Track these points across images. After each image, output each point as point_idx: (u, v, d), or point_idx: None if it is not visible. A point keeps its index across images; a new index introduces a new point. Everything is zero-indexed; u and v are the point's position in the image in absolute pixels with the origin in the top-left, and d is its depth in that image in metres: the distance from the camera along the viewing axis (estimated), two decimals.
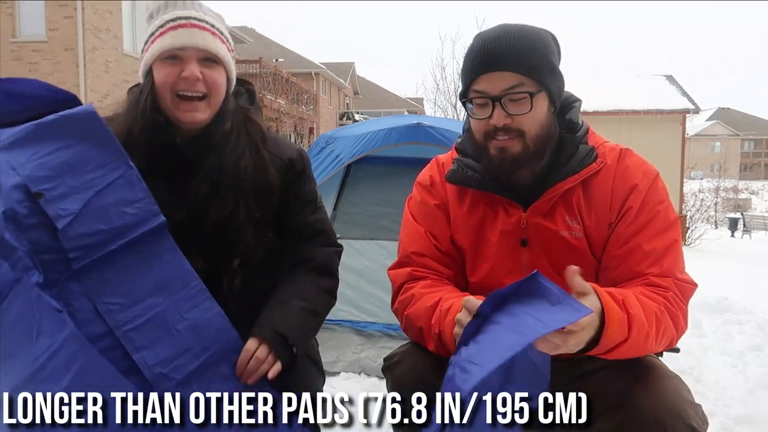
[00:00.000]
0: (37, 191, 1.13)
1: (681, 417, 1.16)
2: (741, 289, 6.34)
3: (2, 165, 1.14)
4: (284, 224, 1.48)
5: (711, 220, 18.35)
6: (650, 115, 15.95)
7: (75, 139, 1.18)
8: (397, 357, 1.41)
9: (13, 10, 12.57)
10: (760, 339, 4.18)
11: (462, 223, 1.47)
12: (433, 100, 18.34)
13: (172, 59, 1.31)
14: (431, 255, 1.48)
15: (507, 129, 1.32)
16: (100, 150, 1.19)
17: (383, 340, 3.23)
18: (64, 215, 1.14)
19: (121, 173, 1.20)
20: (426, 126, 3.13)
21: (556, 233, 1.38)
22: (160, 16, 1.34)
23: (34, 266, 1.11)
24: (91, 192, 1.17)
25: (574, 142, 1.39)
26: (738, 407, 2.89)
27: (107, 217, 1.17)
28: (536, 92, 1.31)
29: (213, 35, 1.34)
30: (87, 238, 1.15)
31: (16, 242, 1.10)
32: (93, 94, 12.82)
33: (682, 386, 1.26)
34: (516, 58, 1.30)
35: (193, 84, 1.31)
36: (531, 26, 1.36)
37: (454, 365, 1.09)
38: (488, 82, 1.31)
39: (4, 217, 1.10)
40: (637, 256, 1.31)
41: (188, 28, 1.30)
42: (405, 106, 41.10)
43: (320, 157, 3.29)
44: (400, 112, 35.43)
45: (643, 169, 1.39)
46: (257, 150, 1.42)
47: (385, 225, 3.35)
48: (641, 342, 1.19)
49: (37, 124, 1.17)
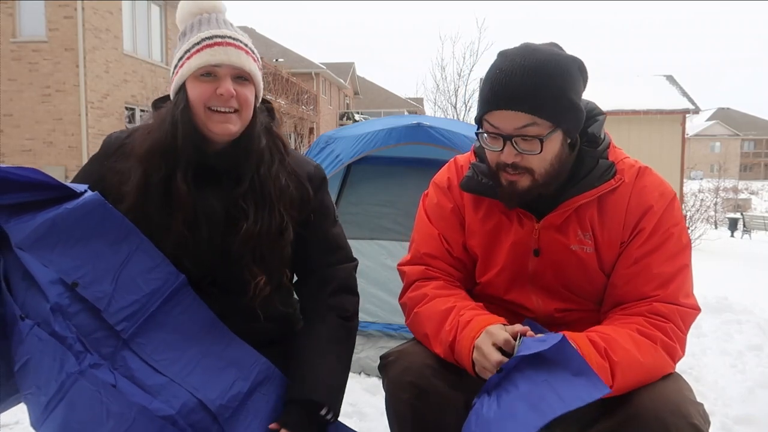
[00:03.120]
0: (73, 281, 1.25)
1: (684, 416, 1.17)
2: (740, 289, 6.34)
3: (33, 264, 1.25)
4: (305, 237, 1.48)
5: (711, 220, 18.33)
6: (650, 115, 15.95)
7: (89, 225, 1.29)
8: (393, 356, 1.41)
9: (13, 10, 12.57)
10: (760, 339, 4.18)
11: (477, 229, 1.47)
12: (433, 100, 18.32)
13: (207, 76, 1.35)
14: (443, 258, 1.49)
15: (515, 166, 1.31)
16: (111, 229, 1.31)
17: (383, 340, 3.23)
18: (102, 296, 1.26)
19: (136, 245, 1.31)
20: (426, 126, 3.13)
21: (567, 246, 1.38)
22: (194, 34, 1.36)
23: (86, 349, 1.22)
24: (117, 269, 1.29)
25: (594, 156, 1.37)
26: (737, 407, 2.89)
27: (138, 287, 1.29)
28: (548, 134, 1.28)
29: (246, 53, 1.38)
30: (126, 310, 1.27)
31: (65, 331, 1.21)
32: (93, 94, 12.83)
33: (684, 385, 1.27)
34: (529, 98, 1.26)
35: (227, 100, 1.34)
36: (554, 55, 1.30)
37: (476, 416, 1.19)
38: (500, 119, 1.29)
39: (52, 311, 1.22)
40: (645, 278, 1.32)
41: (224, 46, 1.34)
42: (405, 106, 41.08)
43: (320, 157, 3.29)
44: (400, 112, 35.42)
45: (660, 190, 1.37)
46: (284, 163, 1.46)
47: (385, 225, 3.35)
48: (631, 381, 1.22)
49: (53, 221, 1.26)
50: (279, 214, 1.40)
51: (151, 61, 15.14)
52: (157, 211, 1.35)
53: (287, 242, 1.42)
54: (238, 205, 1.38)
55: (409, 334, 1.51)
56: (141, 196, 1.34)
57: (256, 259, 1.38)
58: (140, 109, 14.52)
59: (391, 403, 1.39)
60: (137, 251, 1.31)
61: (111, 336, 1.25)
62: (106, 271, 1.27)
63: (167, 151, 1.35)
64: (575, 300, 1.42)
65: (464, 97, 17.37)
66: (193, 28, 1.38)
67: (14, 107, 12.68)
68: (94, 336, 1.24)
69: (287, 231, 1.41)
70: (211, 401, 1.26)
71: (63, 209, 1.27)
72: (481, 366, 1.25)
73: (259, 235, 1.37)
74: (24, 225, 1.26)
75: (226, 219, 1.38)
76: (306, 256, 1.49)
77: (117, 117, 13.63)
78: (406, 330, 1.52)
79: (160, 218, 1.34)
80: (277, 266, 1.42)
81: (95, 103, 12.91)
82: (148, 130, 1.40)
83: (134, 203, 1.34)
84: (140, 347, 1.27)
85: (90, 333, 1.24)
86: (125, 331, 1.26)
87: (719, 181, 25.37)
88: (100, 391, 1.20)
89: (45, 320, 1.23)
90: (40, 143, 12.72)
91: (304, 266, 1.52)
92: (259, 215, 1.38)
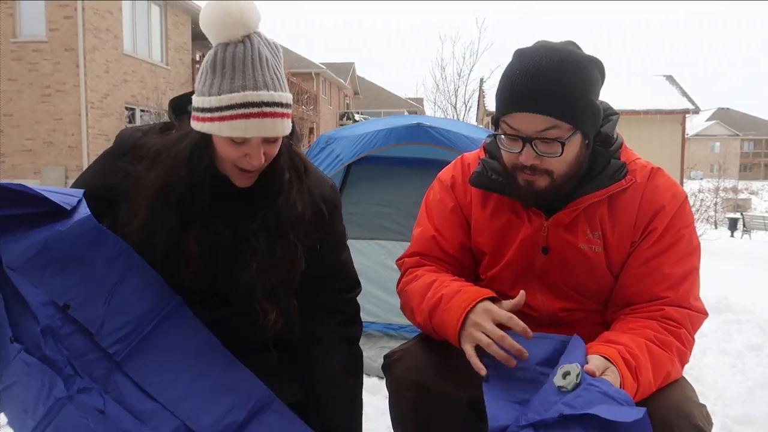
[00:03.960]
0: (65, 303, 1.21)
1: (687, 417, 1.17)
2: (740, 289, 6.33)
3: (24, 285, 1.22)
4: (314, 260, 1.42)
5: (711, 220, 18.32)
6: (650, 115, 15.97)
7: (82, 246, 1.24)
8: (398, 354, 1.41)
9: (13, 10, 12.57)
10: (760, 339, 4.18)
11: (484, 226, 1.46)
12: (433, 100, 18.36)
13: (239, 143, 1.25)
14: (439, 257, 1.50)
15: (534, 168, 1.30)
16: (104, 250, 1.26)
17: (383, 340, 3.23)
18: (94, 318, 1.22)
19: (128, 265, 1.27)
20: (426, 126, 3.12)
21: (575, 245, 1.37)
22: (225, 83, 1.20)
23: (76, 372, 1.20)
24: (109, 290, 1.25)
25: (606, 156, 1.37)
26: (737, 407, 2.89)
27: (130, 308, 1.25)
28: (569, 136, 1.27)
29: (282, 117, 1.24)
30: (119, 332, 1.24)
31: (56, 354, 1.19)
32: (93, 94, 12.83)
33: (687, 386, 1.27)
34: (551, 101, 1.24)
35: (255, 166, 1.27)
36: (574, 56, 1.28)
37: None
38: (520, 121, 1.27)
39: (42, 333, 1.19)
40: (656, 278, 1.31)
41: (260, 118, 1.20)
42: (405, 106, 41.09)
43: (320, 157, 3.28)
44: (400, 112, 35.43)
45: (672, 191, 1.37)
46: (301, 185, 1.39)
47: (385, 225, 3.36)
48: (645, 395, 1.20)
49: (45, 242, 1.22)
50: (292, 244, 1.35)
51: (151, 61, 15.15)
52: (162, 259, 1.29)
53: (298, 273, 1.37)
54: (249, 242, 1.32)
55: (410, 333, 1.51)
56: (145, 238, 1.29)
57: (267, 293, 1.33)
58: (140, 109, 14.52)
59: (395, 401, 1.40)
60: (130, 271, 1.27)
61: (103, 358, 1.22)
62: (99, 293, 1.24)
63: (180, 199, 1.28)
64: (579, 300, 1.42)
65: (464, 97, 17.42)
66: (226, 69, 1.21)
67: (14, 107, 12.69)
68: (86, 358, 1.21)
69: (299, 262, 1.36)
70: (203, 429, 1.22)
71: (55, 231, 1.22)
72: (474, 339, 1.23)
73: (269, 270, 1.32)
74: (15, 245, 1.23)
75: (235, 254, 1.33)
76: (313, 280, 1.43)
77: (117, 117, 13.64)
78: (407, 330, 1.52)
79: (165, 265, 1.30)
80: (287, 298, 1.37)
81: (95, 103, 12.92)
82: (164, 155, 1.30)
83: (137, 242, 1.29)
84: (134, 370, 1.23)
85: (82, 355, 1.21)
86: (118, 354, 1.23)
87: (719, 181, 25.34)
88: (88, 417, 1.17)
89: (35, 342, 1.20)
90: (40, 143, 12.73)
91: (310, 290, 1.44)
92: (270, 252, 1.33)
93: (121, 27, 13.92)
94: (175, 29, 16.16)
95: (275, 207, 1.33)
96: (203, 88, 1.24)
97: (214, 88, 1.22)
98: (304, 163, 1.43)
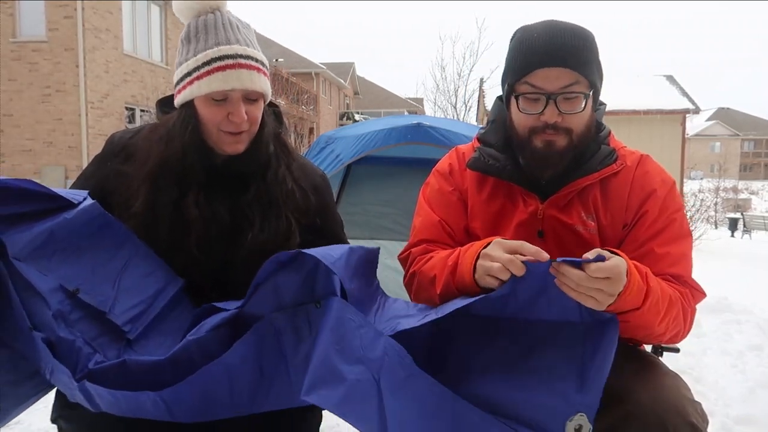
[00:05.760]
0: (75, 288, 1.24)
1: (681, 414, 1.17)
2: (740, 289, 6.33)
3: (33, 273, 1.23)
4: (314, 242, 1.42)
5: (711, 220, 18.32)
6: (650, 115, 15.96)
7: (87, 234, 1.28)
8: None
9: (13, 10, 12.56)
10: (760, 339, 4.18)
11: (480, 210, 1.47)
12: (433, 100, 18.34)
13: (219, 100, 1.31)
14: (445, 242, 1.47)
15: (555, 127, 1.33)
16: (109, 237, 1.30)
17: None
18: (104, 299, 1.25)
19: (134, 251, 1.31)
20: (426, 126, 3.13)
21: (571, 227, 1.39)
22: (200, 43, 1.30)
23: (94, 350, 1.22)
24: (117, 275, 1.28)
25: (597, 141, 1.41)
26: (738, 407, 2.89)
27: (140, 289, 1.29)
28: (589, 93, 1.32)
29: (258, 71, 1.32)
30: (132, 311, 1.27)
31: (71, 335, 1.20)
32: (93, 94, 12.83)
33: (681, 384, 1.27)
34: (573, 56, 1.30)
35: (239, 125, 1.32)
36: (577, 24, 1.36)
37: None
38: (545, 77, 1.31)
39: (54, 318, 1.21)
40: (653, 258, 1.33)
41: (236, 69, 1.28)
42: (405, 106, 41.10)
43: (320, 157, 3.29)
44: (400, 112, 35.43)
45: (662, 176, 1.41)
46: (290, 168, 1.45)
47: (385, 225, 3.36)
48: (651, 318, 1.20)
49: (51, 230, 1.25)
50: (286, 218, 1.40)
51: (151, 61, 15.14)
52: (168, 232, 1.33)
53: (293, 247, 1.38)
54: (244, 213, 1.37)
55: None
56: (149, 216, 1.33)
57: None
58: (140, 109, 14.52)
59: None
60: (136, 257, 1.30)
61: (114, 340, 1.25)
62: (106, 277, 1.27)
63: (177, 172, 1.33)
64: None
65: (464, 97, 17.40)
66: (199, 34, 1.31)
67: (14, 107, 12.68)
68: (97, 342, 1.24)
69: (294, 236, 1.40)
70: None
71: (61, 218, 1.26)
72: (486, 269, 1.18)
73: (265, 242, 1.36)
74: (20, 235, 1.24)
75: (233, 227, 1.37)
76: None
77: (117, 117, 13.63)
78: None
79: (171, 238, 1.33)
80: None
81: (95, 103, 12.91)
82: (154, 137, 1.37)
83: (142, 223, 1.32)
84: (144, 351, 1.26)
85: (93, 339, 1.23)
86: (131, 332, 1.25)
87: (719, 181, 25.38)
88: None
89: (49, 327, 1.22)
90: (40, 143, 12.72)
91: None
92: (265, 223, 1.37)
93: (121, 27, 13.91)
94: (175, 29, 16.15)
95: (265, 182, 1.39)
96: (180, 58, 1.32)
97: (190, 53, 1.30)
98: (291, 154, 1.49)
